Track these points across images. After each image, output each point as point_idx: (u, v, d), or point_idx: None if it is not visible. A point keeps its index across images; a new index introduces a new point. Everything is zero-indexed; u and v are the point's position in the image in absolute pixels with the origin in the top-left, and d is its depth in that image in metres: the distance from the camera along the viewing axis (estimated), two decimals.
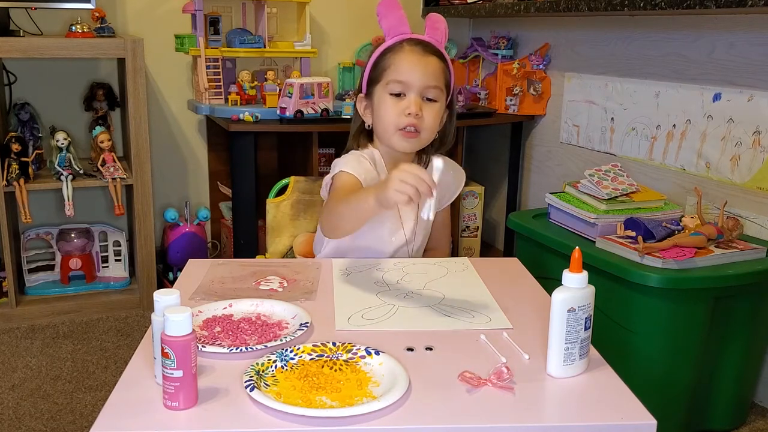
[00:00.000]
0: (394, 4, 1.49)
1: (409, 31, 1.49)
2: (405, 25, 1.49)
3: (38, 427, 1.92)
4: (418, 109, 1.44)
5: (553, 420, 0.90)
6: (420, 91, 1.45)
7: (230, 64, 2.79)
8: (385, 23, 1.49)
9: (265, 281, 1.34)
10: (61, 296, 2.65)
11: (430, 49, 1.47)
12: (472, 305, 1.23)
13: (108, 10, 2.74)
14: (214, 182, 3.08)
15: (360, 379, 0.95)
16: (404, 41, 1.48)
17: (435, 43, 1.50)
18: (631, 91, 2.46)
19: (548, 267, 2.04)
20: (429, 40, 1.49)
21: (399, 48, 1.47)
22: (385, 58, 1.48)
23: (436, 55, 1.48)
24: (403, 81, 1.44)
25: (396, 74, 1.45)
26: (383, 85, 1.47)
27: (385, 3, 1.49)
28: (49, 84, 2.81)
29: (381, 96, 1.48)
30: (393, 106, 1.45)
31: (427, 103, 1.47)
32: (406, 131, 1.46)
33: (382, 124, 1.48)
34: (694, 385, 1.85)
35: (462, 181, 1.65)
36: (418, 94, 1.45)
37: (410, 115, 1.43)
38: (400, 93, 1.45)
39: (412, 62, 1.45)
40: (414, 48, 1.46)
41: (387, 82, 1.46)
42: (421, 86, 1.45)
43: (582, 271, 0.96)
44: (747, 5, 1.77)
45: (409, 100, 1.44)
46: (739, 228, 1.91)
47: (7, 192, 2.44)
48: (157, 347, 0.92)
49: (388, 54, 1.48)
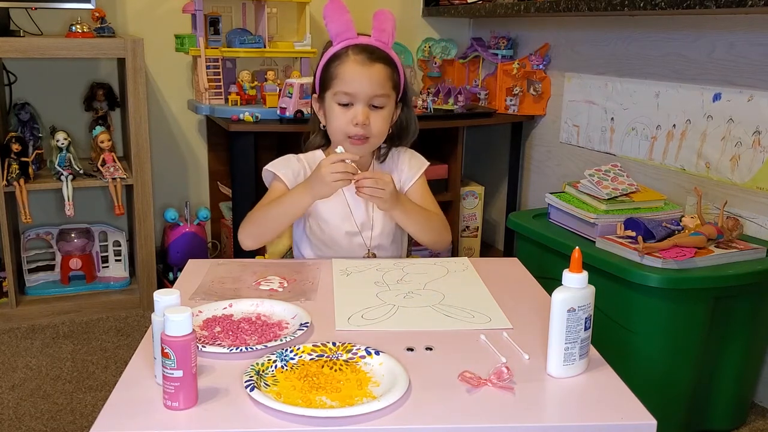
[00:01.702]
0: (340, 8, 1.50)
1: (354, 36, 1.50)
2: (351, 30, 1.50)
3: (38, 427, 1.92)
4: (364, 119, 1.49)
5: (553, 420, 0.90)
6: (366, 100, 1.49)
7: (230, 64, 2.79)
8: (332, 27, 1.50)
9: (265, 281, 1.34)
10: (61, 296, 2.65)
11: (375, 55, 1.49)
12: (472, 305, 1.23)
13: (108, 10, 2.74)
14: (214, 182, 3.08)
15: (360, 379, 0.95)
16: (349, 48, 1.49)
17: (381, 45, 1.51)
18: (631, 91, 2.46)
19: (548, 267, 2.04)
20: (375, 44, 1.51)
21: (345, 56, 1.49)
22: (332, 66, 1.51)
23: (382, 60, 1.50)
24: (350, 93, 1.49)
25: (342, 85, 1.49)
26: (332, 93, 1.51)
27: (331, 6, 1.50)
28: (49, 84, 2.81)
29: (330, 104, 1.52)
30: (341, 115, 1.51)
31: (374, 111, 1.51)
32: (354, 139, 1.51)
33: (333, 131, 1.55)
34: (694, 385, 1.85)
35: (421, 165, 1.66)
36: (364, 104, 1.49)
37: (357, 124, 1.49)
38: (347, 103, 1.50)
39: (357, 73, 1.48)
40: (358, 57, 1.48)
41: (335, 92, 1.50)
42: (367, 96, 1.49)
43: (582, 271, 0.97)
44: (747, 5, 1.77)
45: (356, 110, 1.49)
46: (739, 228, 1.91)
47: (7, 192, 2.44)
48: (157, 347, 0.92)
49: (335, 62, 1.50)
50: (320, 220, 1.59)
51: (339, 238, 1.59)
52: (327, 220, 1.59)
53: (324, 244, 1.61)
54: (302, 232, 1.64)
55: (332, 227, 1.58)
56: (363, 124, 1.49)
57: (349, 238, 1.59)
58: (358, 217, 1.59)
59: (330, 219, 1.58)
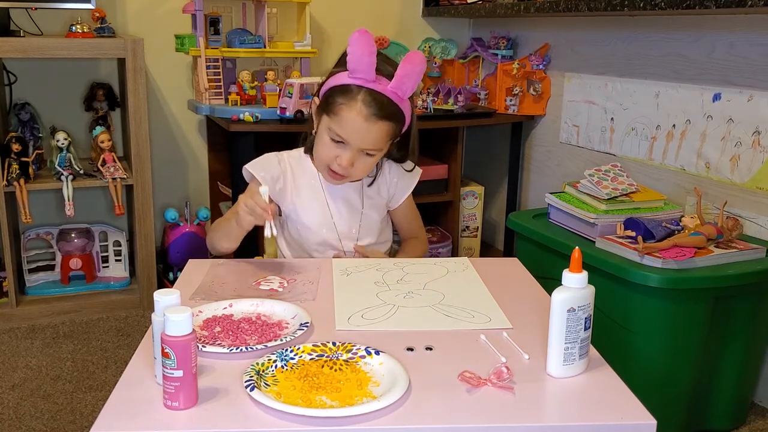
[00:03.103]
0: (366, 41, 1.38)
1: (371, 79, 1.41)
2: (370, 72, 1.40)
3: (38, 426, 1.92)
4: (349, 165, 1.46)
5: (553, 420, 0.91)
6: (358, 149, 1.46)
7: (230, 64, 2.79)
8: (351, 58, 1.40)
9: (265, 281, 1.34)
10: (62, 296, 2.65)
11: (383, 112, 1.42)
12: (472, 305, 1.23)
13: (108, 10, 2.74)
14: (214, 182, 3.08)
15: (360, 379, 0.95)
16: (363, 92, 1.41)
17: (395, 99, 1.43)
18: (631, 91, 2.46)
19: (548, 267, 2.04)
20: (389, 96, 1.42)
21: (353, 100, 1.42)
22: (337, 99, 1.44)
23: (388, 118, 1.43)
24: (344, 138, 1.45)
25: (339, 128, 1.44)
26: (328, 123, 1.47)
27: (358, 37, 1.38)
28: (49, 84, 2.81)
29: (323, 130, 1.49)
30: (328, 149, 1.48)
31: (362, 156, 1.48)
32: (332, 173, 1.50)
33: (316, 155, 1.53)
34: (694, 385, 1.85)
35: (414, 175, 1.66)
36: (355, 151, 1.46)
37: (339, 165, 1.47)
38: (339, 141, 1.46)
39: (358, 126, 1.42)
40: (365, 110, 1.41)
41: (329, 126, 1.46)
42: (360, 147, 1.46)
43: (582, 271, 0.97)
44: (747, 5, 1.77)
45: (344, 153, 1.46)
46: (738, 228, 1.91)
47: (7, 192, 2.44)
48: (157, 347, 0.92)
49: (342, 97, 1.43)
50: (299, 225, 1.58)
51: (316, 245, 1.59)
52: (306, 224, 1.57)
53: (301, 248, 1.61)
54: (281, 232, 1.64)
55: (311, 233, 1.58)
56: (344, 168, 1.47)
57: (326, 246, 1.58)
58: (341, 225, 1.58)
59: (308, 223, 1.57)
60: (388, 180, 1.63)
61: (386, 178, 1.63)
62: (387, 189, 1.63)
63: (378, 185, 1.63)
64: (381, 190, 1.64)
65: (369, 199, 1.61)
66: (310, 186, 1.58)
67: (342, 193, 1.59)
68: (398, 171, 1.64)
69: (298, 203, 1.57)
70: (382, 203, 1.64)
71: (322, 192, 1.58)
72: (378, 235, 1.64)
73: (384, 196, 1.64)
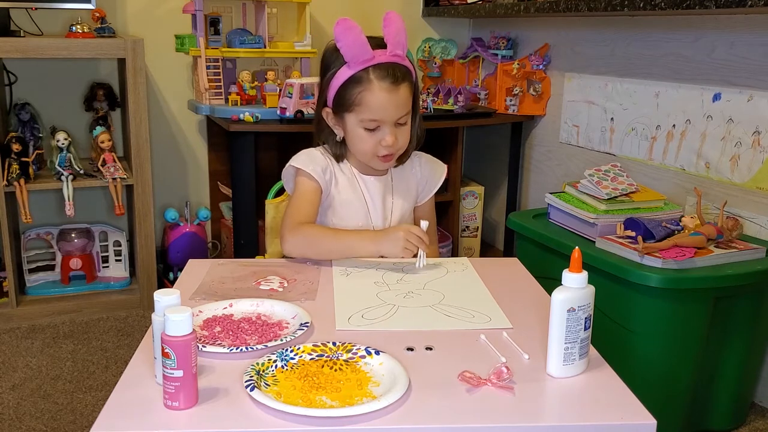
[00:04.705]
0: (351, 27, 1.42)
1: (371, 56, 1.44)
2: (367, 50, 1.43)
3: (38, 426, 1.92)
4: (394, 141, 1.49)
5: (553, 420, 0.91)
6: (393, 122, 1.48)
7: (230, 65, 2.79)
8: (346, 50, 1.43)
9: (265, 281, 1.34)
10: (62, 296, 2.65)
11: (399, 77, 1.45)
12: (472, 305, 1.23)
13: (108, 10, 2.74)
14: (214, 182, 3.08)
15: (360, 379, 0.95)
16: (371, 71, 1.44)
17: (399, 60, 1.47)
18: (630, 91, 2.46)
19: (548, 267, 2.04)
20: (394, 61, 1.46)
21: (368, 82, 1.44)
22: (353, 91, 1.46)
23: (404, 80, 1.47)
24: (377, 119, 1.47)
25: (369, 113, 1.46)
26: (356, 119, 1.48)
27: (342, 27, 1.42)
28: (49, 84, 2.81)
29: (354, 127, 1.50)
30: (368, 139, 1.50)
31: (399, 128, 1.50)
32: (383, 157, 1.51)
33: (359, 151, 1.54)
34: (694, 385, 1.85)
35: (442, 172, 1.68)
36: (391, 126, 1.48)
37: (387, 146, 1.49)
38: (374, 127, 1.48)
39: (385, 101, 1.45)
40: (383, 84, 1.44)
41: (360, 118, 1.48)
42: (394, 118, 1.48)
43: (582, 271, 0.97)
44: (747, 5, 1.77)
45: (384, 132, 1.48)
46: (738, 228, 1.91)
47: (7, 192, 2.44)
48: (157, 347, 0.92)
49: (358, 88, 1.45)
50: (335, 217, 1.58)
51: None
52: (343, 218, 1.58)
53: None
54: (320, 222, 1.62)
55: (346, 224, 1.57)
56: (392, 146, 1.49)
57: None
58: (376, 220, 1.59)
59: (346, 216, 1.58)
60: (418, 175, 1.65)
61: (416, 172, 1.64)
62: (416, 184, 1.65)
63: (407, 181, 1.64)
64: (410, 185, 1.64)
65: (398, 194, 1.62)
66: (348, 179, 1.59)
67: (376, 186, 1.59)
68: (427, 167, 1.66)
69: (336, 196, 1.58)
70: (410, 199, 1.65)
71: (358, 185, 1.59)
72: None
73: (412, 192, 1.65)
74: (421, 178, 1.65)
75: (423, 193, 1.67)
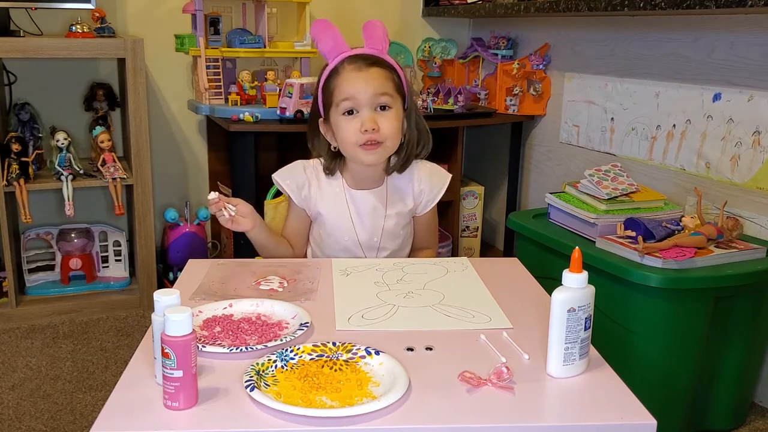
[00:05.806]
0: (327, 26, 1.51)
1: (347, 49, 1.51)
2: (341, 44, 1.51)
3: (38, 426, 1.92)
4: (372, 123, 1.46)
5: (553, 420, 0.90)
6: (370, 103, 1.47)
7: (230, 64, 2.79)
8: (323, 46, 1.51)
9: (265, 281, 1.34)
10: (61, 296, 2.65)
11: (370, 60, 1.49)
12: (471, 305, 1.23)
13: (108, 10, 2.74)
14: (214, 182, 3.08)
15: (360, 379, 0.95)
16: (344, 60, 1.50)
17: (375, 52, 1.52)
18: (631, 91, 2.46)
19: (548, 267, 2.04)
20: (369, 52, 1.51)
21: (341, 68, 1.50)
22: (330, 81, 1.51)
23: (378, 64, 1.50)
24: (350, 97, 1.47)
25: (342, 93, 1.48)
26: (335, 107, 1.50)
27: (317, 26, 1.52)
28: (49, 84, 2.81)
29: (336, 118, 1.51)
30: (348, 125, 1.48)
31: (381, 113, 1.48)
32: (366, 145, 1.48)
33: (344, 144, 1.52)
34: (694, 385, 1.85)
35: (443, 184, 1.63)
36: (369, 107, 1.47)
37: (367, 131, 1.46)
38: (352, 110, 1.48)
39: (354, 78, 1.48)
40: (353, 64, 1.49)
41: (337, 103, 1.49)
42: (370, 98, 1.46)
43: (582, 271, 0.97)
44: (747, 5, 1.77)
45: (362, 115, 1.47)
46: (738, 228, 1.91)
47: (7, 192, 2.44)
48: (157, 347, 0.92)
49: (333, 76, 1.51)
50: (323, 231, 1.60)
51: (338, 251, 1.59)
52: (329, 232, 1.59)
53: (323, 254, 1.62)
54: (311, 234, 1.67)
55: (333, 240, 1.59)
56: (372, 129, 1.45)
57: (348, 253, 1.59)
58: (362, 235, 1.58)
59: (331, 230, 1.59)
60: (416, 187, 1.60)
61: (414, 184, 1.60)
62: (413, 196, 1.61)
63: (404, 192, 1.60)
64: (406, 197, 1.60)
65: (393, 207, 1.59)
66: (335, 194, 1.58)
67: (366, 201, 1.57)
68: (427, 180, 1.61)
69: (322, 210, 1.58)
70: (406, 211, 1.61)
71: (345, 201, 1.58)
72: (400, 243, 1.62)
73: (409, 203, 1.61)
74: (419, 191, 1.60)
75: (422, 205, 1.63)
